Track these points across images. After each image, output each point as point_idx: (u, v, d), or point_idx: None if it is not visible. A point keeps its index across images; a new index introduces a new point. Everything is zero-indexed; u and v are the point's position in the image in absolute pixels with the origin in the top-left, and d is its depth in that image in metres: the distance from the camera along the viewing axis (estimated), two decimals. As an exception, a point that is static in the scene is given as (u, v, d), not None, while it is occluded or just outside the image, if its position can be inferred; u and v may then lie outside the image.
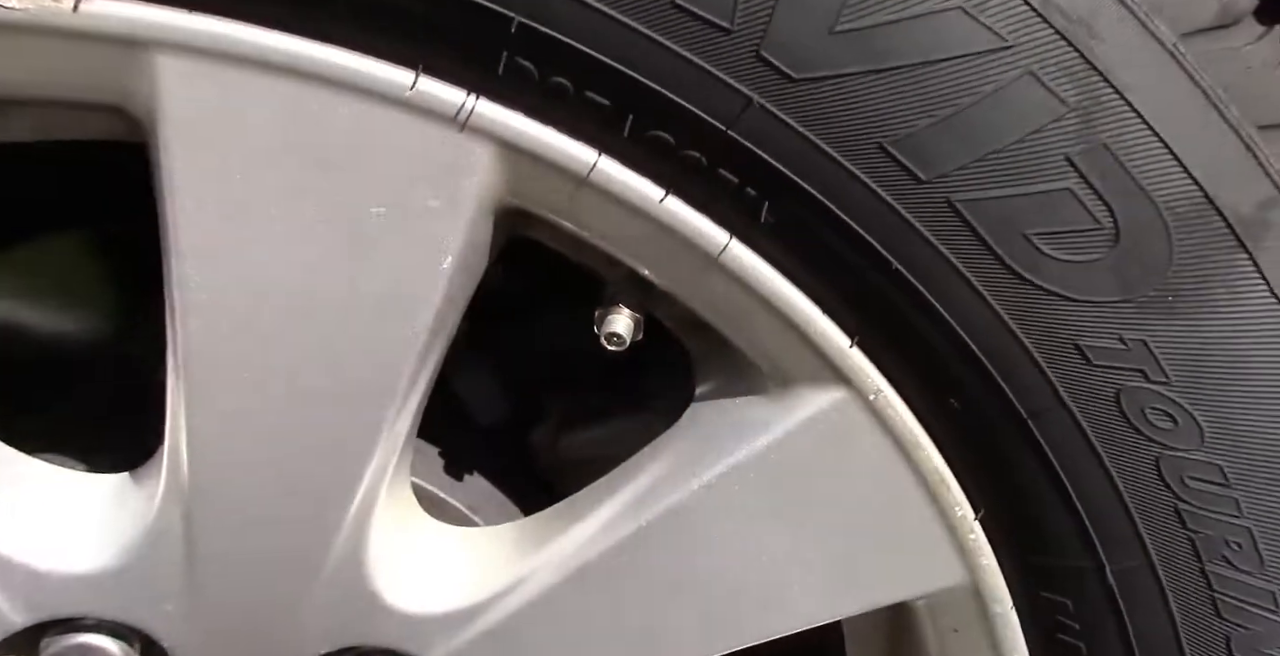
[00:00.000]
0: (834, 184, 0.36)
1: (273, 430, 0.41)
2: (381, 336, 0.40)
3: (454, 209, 0.38)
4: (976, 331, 0.38)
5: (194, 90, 0.34)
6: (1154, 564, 0.40)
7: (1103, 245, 0.34)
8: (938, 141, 0.33)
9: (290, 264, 0.38)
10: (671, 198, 0.38)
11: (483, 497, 0.60)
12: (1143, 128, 0.32)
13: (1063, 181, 0.33)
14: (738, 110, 0.34)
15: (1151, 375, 0.36)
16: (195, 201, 0.36)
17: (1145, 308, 0.35)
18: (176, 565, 0.43)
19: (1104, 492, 0.39)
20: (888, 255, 0.37)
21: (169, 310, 0.39)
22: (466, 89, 0.35)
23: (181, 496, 0.42)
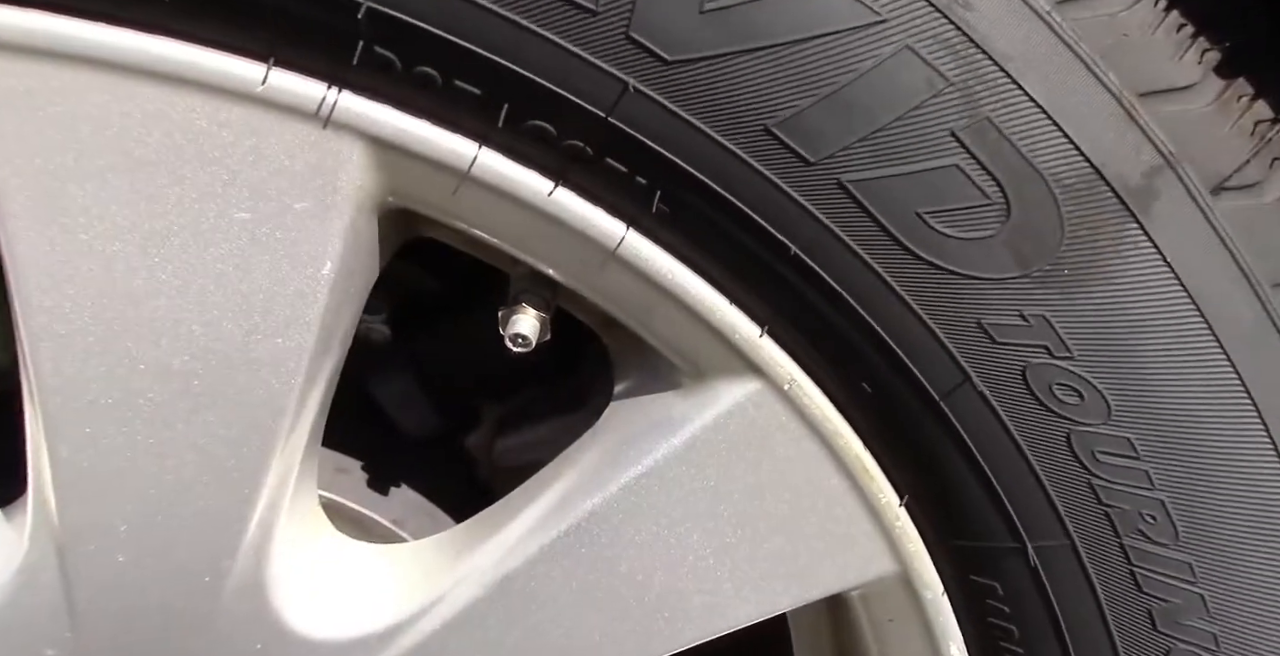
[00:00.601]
0: (723, 169, 0.34)
1: (147, 454, 0.38)
2: (263, 347, 0.38)
3: (326, 211, 0.36)
4: (880, 314, 0.37)
5: (22, 92, 0.31)
6: (1074, 541, 0.39)
7: (995, 221, 0.33)
8: (821, 121, 0.32)
9: (152, 276, 0.35)
10: (561, 190, 0.36)
11: (411, 511, 0.58)
12: (1024, 99, 0.31)
13: (950, 158, 0.32)
14: (615, 95, 0.33)
15: (1055, 350, 0.35)
16: (33, 215, 0.33)
17: (1042, 282, 0.34)
18: (54, 607, 0.40)
19: (1020, 471, 0.39)
20: (785, 240, 0.36)
21: (17, 332, 0.36)
22: (326, 82, 0.33)
23: (51, 533, 0.39)
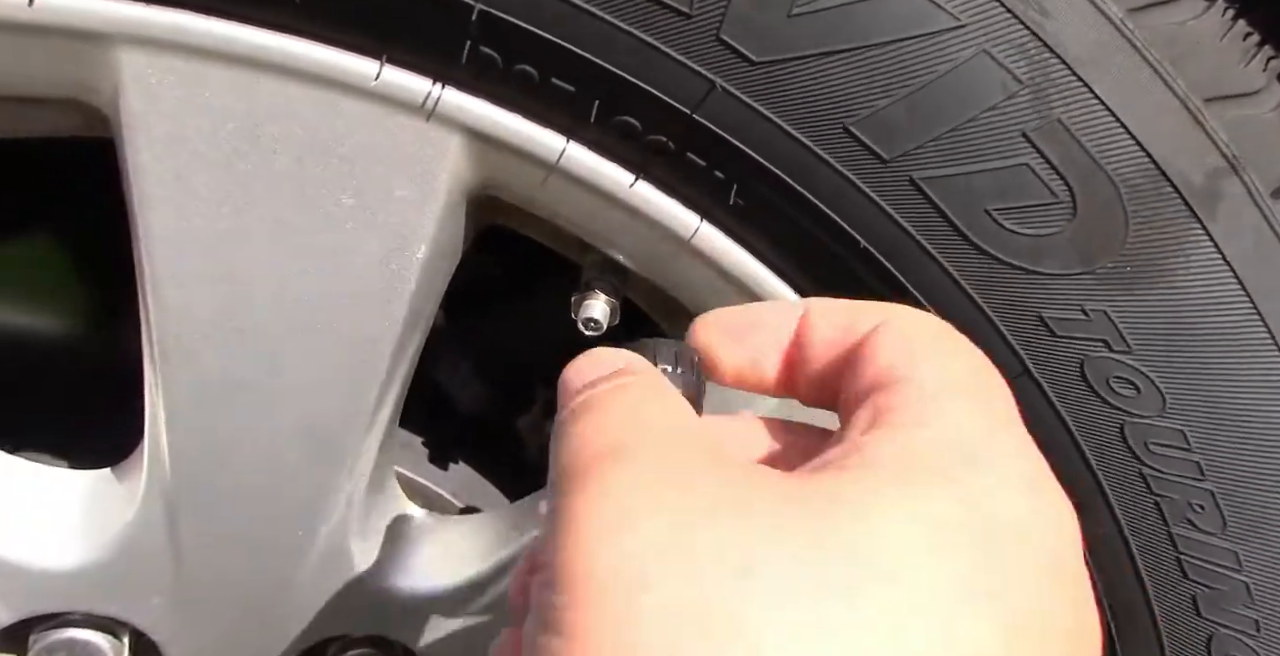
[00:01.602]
0: (800, 165, 0.36)
1: (252, 421, 0.41)
2: (358, 326, 0.40)
3: (425, 198, 0.38)
4: (944, 307, 0.38)
5: (157, 84, 0.34)
6: (1122, 529, 0.40)
7: (1061, 218, 0.34)
8: (897, 121, 0.34)
9: (264, 256, 0.38)
10: (641, 182, 0.38)
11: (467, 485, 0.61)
12: (1095, 102, 0.32)
13: (1020, 157, 0.33)
14: (701, 94, 0.35)
15: (1113, 344, 0.36)
16: (164, 196, 0.36)
17: (1105, 279, 0.35)
18: (162, 558, 0.43)
19: (1072, 461, 0.40)
20: (855, 235, 0.38)
21: (142, 305, 0.39)
22: (431, 78, 0.35)
23: (164, 489, 0.42)
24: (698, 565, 0.23)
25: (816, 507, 0.24)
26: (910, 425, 0.27)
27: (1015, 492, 0.25)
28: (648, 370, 0.30)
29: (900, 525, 0.24)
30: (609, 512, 0.24)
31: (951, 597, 0.23)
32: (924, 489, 0.25)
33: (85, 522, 0.44)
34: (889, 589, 0.23)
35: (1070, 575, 0.25)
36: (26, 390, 0.53)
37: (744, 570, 0.22)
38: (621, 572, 0.23)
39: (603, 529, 0.24)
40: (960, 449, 0.26)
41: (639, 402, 0.28)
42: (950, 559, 0.23)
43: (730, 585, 0.22)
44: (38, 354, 0.54)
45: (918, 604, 0.23)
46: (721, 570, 0.22)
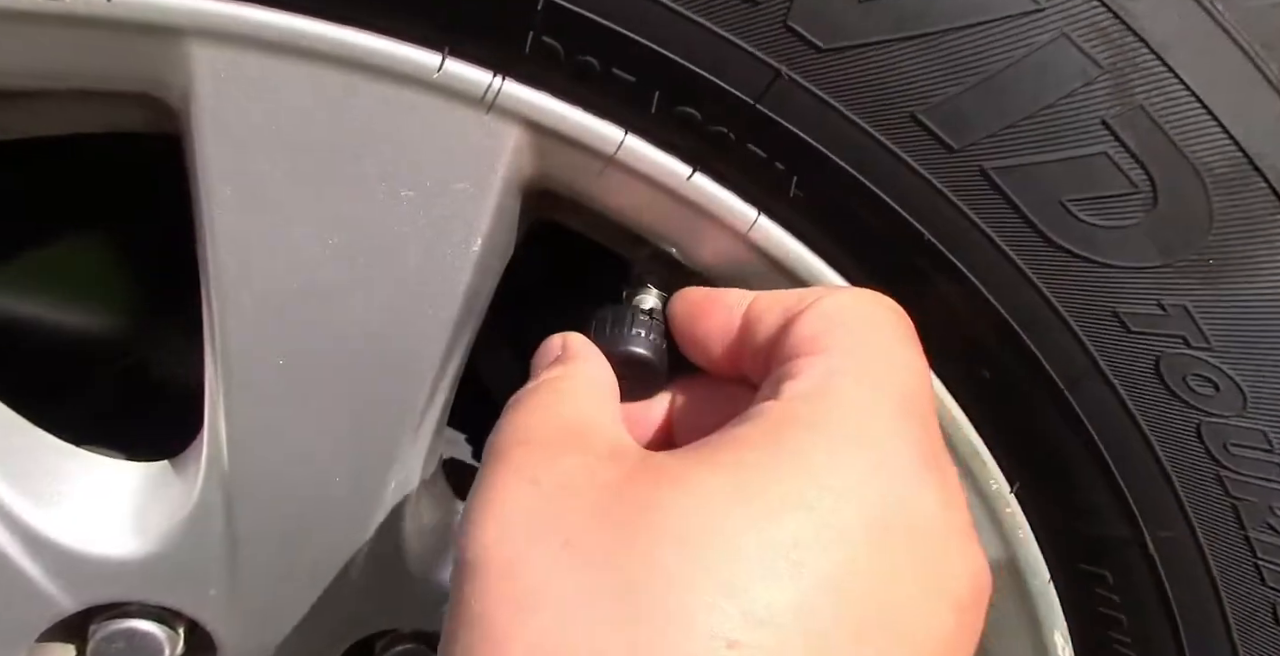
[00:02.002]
0: (864, 156, 0.35)
1: (309, 415, 0.41)
2: (413, 320, 0.40)
3: (482, 191, 0.38)
4: (1011, 301, 0.37)
5: (228, 78, 0.34)
6: (1195, 532, 0.39)
7: (1140, 209, 0.33)
8: (970, 108, 0.33)
9: (326, 250, 0.38)
10: (699, 174, 0.38)
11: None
12: (1180, 88, 0.31)
13: (1098, 145, 0.32)
14: (765, 83, 0.34)
15: (1192, 341, 0.35)
16: (230, 189, 0.36)
17: (1185, 272, 0.34)
18: (219, 549, 0.44)
19: (1143, 461, 0.39)
20: (920, 227, 0.37)
21: (205, 299, 0.39)
22: (493, 70, 0.35)
23: (222, 481, 0.42)
24: (532, 544, 0.26)
25: (634, 491, 0.27)
26: (796, 399, 0.29)
27: (860, 482, 0.27)
28: (578, 363, 0.35)
29: (694, 510, 0.26)
30: (488, 499, 0.28)
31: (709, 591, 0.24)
32: (748, 475, 0.27)
33: (145, 513, 0.45)
34: (661, 581, 0.25)
35: (917, 573, 0.26)
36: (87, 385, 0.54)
37: (565, 544, 0.26)
38: (488, 555, 0.27)
39: (479, 514, 0.28)
40: (826, 434, 0.28)
41: (555, 401, 0.32)
42: (723, 545, 0.25)
43: (552, 557, 0.26)
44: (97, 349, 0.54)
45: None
46: (548, 547, 0.26)
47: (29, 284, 0.53)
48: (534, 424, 0.31)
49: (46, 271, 0.53)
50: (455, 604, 0.28)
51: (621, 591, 0.25)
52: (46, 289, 0.53)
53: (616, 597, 0.25)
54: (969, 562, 0.28)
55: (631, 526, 0.26)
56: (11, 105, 0.39)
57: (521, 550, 0.27)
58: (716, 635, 0.24)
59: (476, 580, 0.27)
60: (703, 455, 0.28)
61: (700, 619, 0.24)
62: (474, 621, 0.26)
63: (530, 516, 0.27)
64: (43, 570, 0.45)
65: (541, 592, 0.25)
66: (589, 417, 0.32)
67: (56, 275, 0.53)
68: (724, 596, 0.24)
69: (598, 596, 0.25)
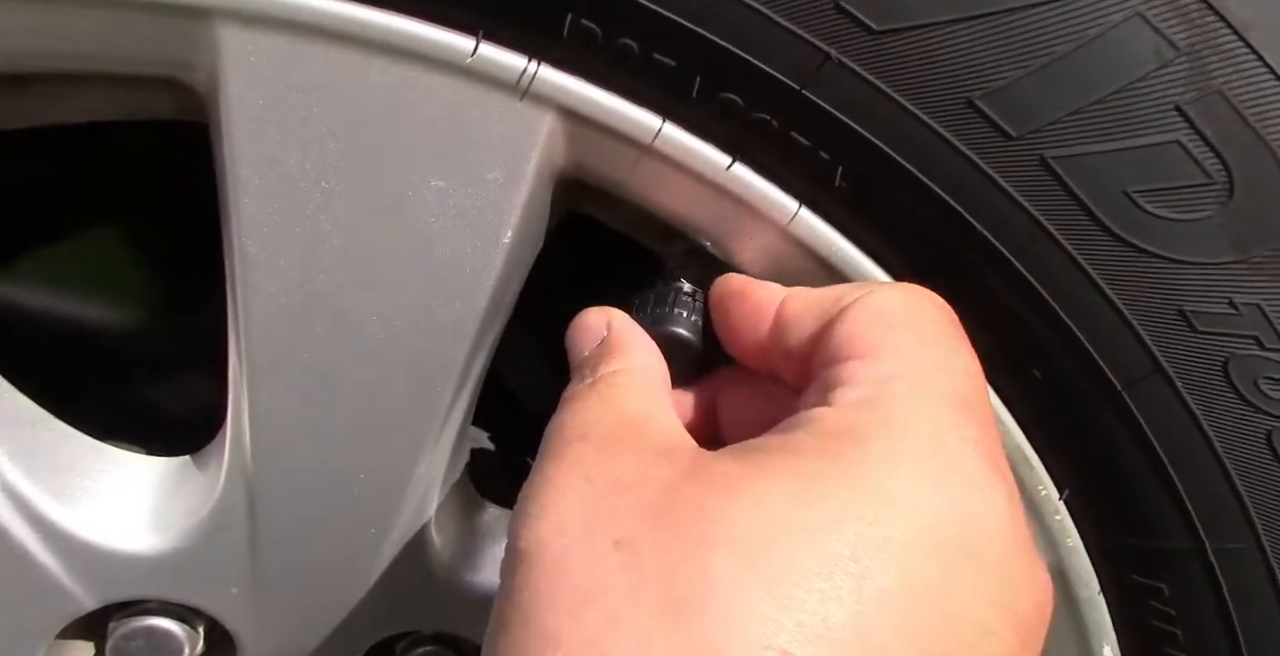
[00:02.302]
0: (915, 144, 0.34)
1: (334, 409, 0.40)
2: (442, 312, 0.39)
3: (514, 181, 0.37)
4: (1068, 298, 0.35)
5: (257, 61, 0.33)
6: (1262, 544, 0.37)
7: (1214, 201, 0.31)
8: (1032, 93, 0.31)
9: (353, 239, 0.37)
10: (739, 164, 0.36)
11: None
12: (1264, 71, 0.29)
13: (1171, 133, 0.30)
14: (814, 67, 0.33)
15: (1266, 341, 0.33)
16: (258, 177, 0.35)
17: (1261, 268, 0.32)
18: (240, 547, 0.43)
19: (1206, 469, 0.37)
20: (972, 219, 0.35)
21: (230, 289, 0.38)
22: (528, 54, 0.34)
23: (245, 477, 0.41)
24: (583, 541, 0.26)
25: (688, 493, 0.26)
26: (851, 407, 0.28)
27: (923, 493, 0.26)
28: (632, 353, 0.35)
29: (748, 516, 0.25)
30: (543, 493, 0.28)
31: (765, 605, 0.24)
32: (805, 484, 0.26)
33: (166, 509, 0.44)
34: (714, 588, 0.24)
35: (976, 574, 0.25)
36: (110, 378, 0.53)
37: (616, 544, 0.26)
38: (540, 548, 0.27)
39: (533, 506, 0.28)
40: (885, 444, 0.27)
41: (612, 397, 0.32)
42: (785, 552, 0.24)
43: (604, 555, 0.25)
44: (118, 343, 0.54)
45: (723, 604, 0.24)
46: (600, 544, 0.26)
47: (50, 276, 0.52)
48: (590, 420, 0.31)
49: (68, 263, 0.53)
50: (504, 594, 0.27)
51: (672, 595, 0.24)
52: (68, 281, 0.53)
53: (667, 601, 0.24)
54: (1032, 578, 0.27)
55: (684, 530, 0.25)
56: (24, 90, 0.38)
57: (572, 546, 0.26)
58: (770, 646, 0.23)
59: (527, 572, 0.27)
60: (758, 461, 0.27)
61: (753, 628, 0.23)
62: (522, 614, 0.26)
63: (583, 513, 0.27)
64: (63, 566, 0.44)
65: (591, 590, 0.25)
66: (644, 412, 0.32)
67: (78, 267, 0.53)
68: (779, 608, 0.23)
69: (648, 598, 0.24)
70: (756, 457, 0.27)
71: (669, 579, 0.24)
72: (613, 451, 0.29)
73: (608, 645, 0.24)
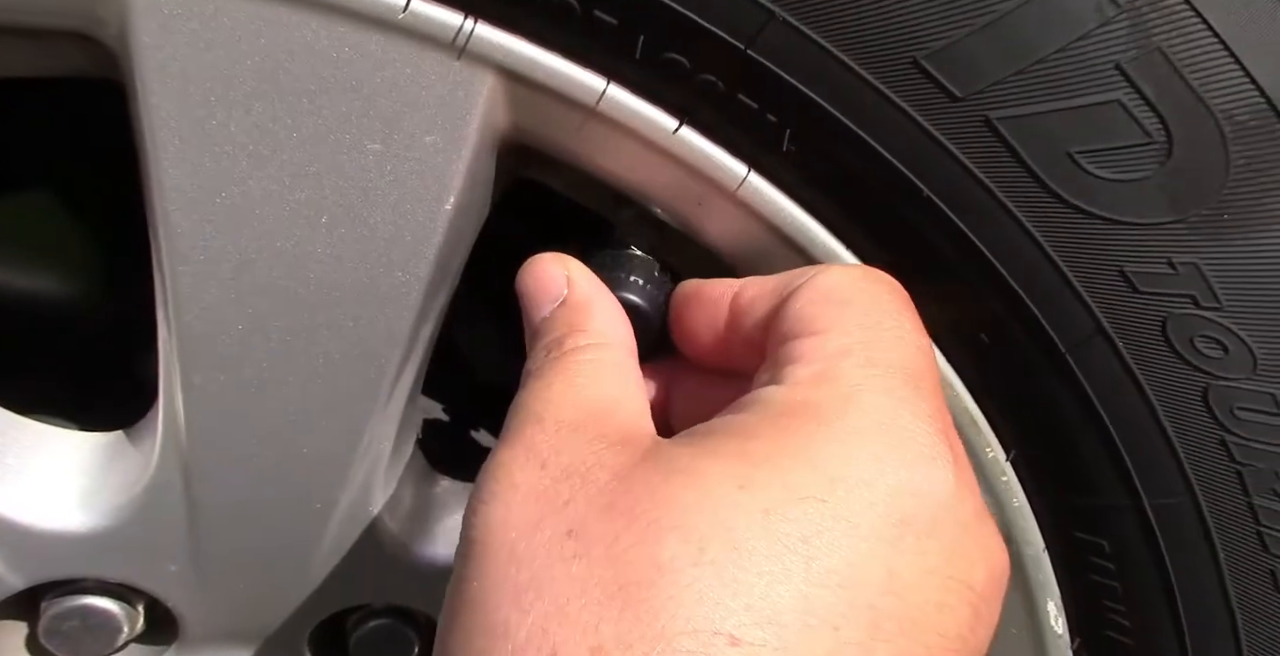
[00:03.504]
0: (862, 105, 0.33)
1: (271, 384, 0.39)
2: (382, 282, 0.38)
3: (454, 145, 0.35)
4: (1012, 261, 0.36)
5: (170, 16, 0.31)
6: (1197, 499, 0.38)
7: (1153, 161, 0.31)
8: (976, 53, 0.31)
9: (284, 205, 0.35)
10: (686, 128, 0.36)
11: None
12: (1202, 29, 0.29)
13: (1112, 92, 0.30)
14: (758, 26, 0.32)
15: (1202, 300, 0.34)
16: (179, 141, 0.33)
17: (1197, 228, 0.32)
18: (177, 524, 0.41)
19: (1145, 427, 0.38)
20: (918, 182, 0.35)
21: (155, 258, 0.37)
22: (463, 11, 0.33)
23: (180, 453, 0.40)
24: (534, 530, 0.26)
25: (640, 481, 0.26)
26: (802, 384, 0.28)
27: (874, 471, 0.26)
28: (597, 328, 0.33)
29: (700, 503, 0.25)
30: (497, 478, 0.28)
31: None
32: (755, 466, 0.26)
33: (98, 486, 0.43)
34: (662, 575, 0.24)
35: (917, 547, 0.25)
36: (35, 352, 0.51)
37: (569, 533, 0.26)
38: (491, 536, 0.26)
39: (487, 492, 0.28)
40: (834, 422, 0.27)
41: (581, 381, 0.31)
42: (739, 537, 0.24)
43: (556, 545, 0.25)
44: (46, 314, 0.52)
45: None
46: (550, 534, 0.26)
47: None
48: (553, 402, 0.30)
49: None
50: (457, 580, 0.27)
51: (621, 583, 0.24)
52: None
53: (615, 589, 0.24)
54: (987, 551, 0.27)
55: (634, 518, 0.25)
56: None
57: (521, 536, 0.26)
58: (719, 632, 0.23)
59: (479, 560, 0.26)
60: (709, 445, 0.27)
61: (700, 614, 0.23)
62: (473, 603, 0.26)
63: (536, 501, 0.27)
64: (-11, 546, 0.42)
65: (542, 582, 0.25)
66: (611, 399, 0.31)
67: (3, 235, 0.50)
68: (727, 593, 0.23)
69: (596, 588, 0.24)
70: (707, 442, 0.27)
71: (618, 567, 0.24)
72: (570, 438, 0.28)
73: (557, 637, 0.24)
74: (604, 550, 0.25)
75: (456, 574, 0.27)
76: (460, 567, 0.27)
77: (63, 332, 0.52)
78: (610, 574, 0.24)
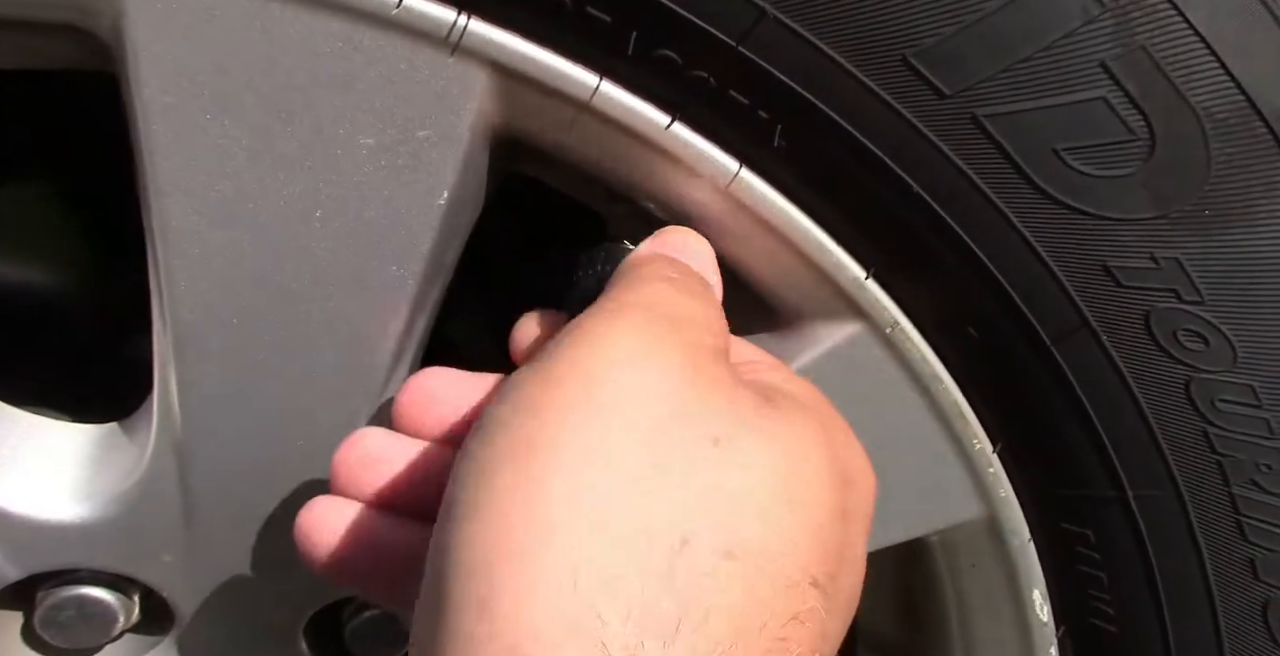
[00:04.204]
0: (852, 102, 0.34)
1: (265, 377, 0.39)
2: (376, 275, 0.38)
3: (447, 140, 0.36)
4: (1000, 256, 0.36)
5: (164, 10, 0.31)
6: (1179, 490, 0.39)
7: (1137, 158, 0.32)
8: (964, 51, 0.31)
9: (278, 199, 0.36)
10: (678, 124, 0.36)
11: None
12: (1184, 28, 0.30)
13: (1097, 90, 0.31)
14: (749, 23, 0.32)
15: (1184, 295, 0.34)
16: (173, 134, 0.34)
17: (1180, 223, 0.33)
18: (172, 514, 0.42)
19: (1129, 419, 0.38)
20: (908, 178, 0.35)
21: (150, 251, 0.37)
22: (457, 6, 0.33)
23: (174, 444, 0.40)
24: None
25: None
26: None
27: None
28: None
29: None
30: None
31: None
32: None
33: (93, 477, 0.43)
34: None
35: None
36: (30, 344, 0.51)
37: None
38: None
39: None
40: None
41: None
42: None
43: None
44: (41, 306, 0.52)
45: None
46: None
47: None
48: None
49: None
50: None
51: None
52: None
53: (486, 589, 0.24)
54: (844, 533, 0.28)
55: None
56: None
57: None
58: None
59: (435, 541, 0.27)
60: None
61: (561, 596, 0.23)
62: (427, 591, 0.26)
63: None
64: (-17, 536, 0.43)
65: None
66: None
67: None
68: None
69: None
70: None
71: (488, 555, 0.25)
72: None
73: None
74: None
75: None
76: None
77: (58, 325, 0.52)
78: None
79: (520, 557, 0.23)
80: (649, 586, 0.23)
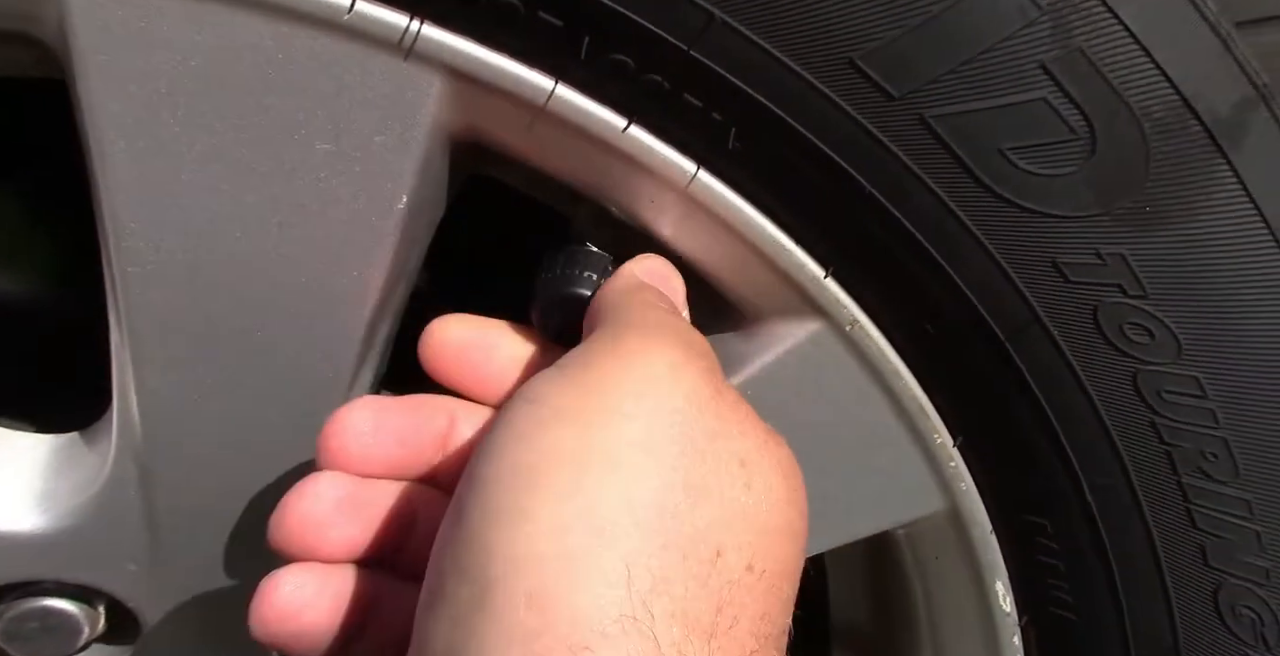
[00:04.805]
0: (803, 105, 0.34)
1: (225, 385, 0.39)
2: (336, 281, 0.38)
3: (405, 144, 0.36)
4: (953, 254, 0.37)
5: (108, 15, 0.31)
6: (1130, 480, 0.40)
7: (1078, 157, 0.33)
8: (909, 53, 0.32)
9: (234, 206, 0.35)
10: (635, 126, 0.36)
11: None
12: (1119, 28, 0.30)
13: (1037, 91, 0.32)
14: (699, 28, 0.33)
15: (1129, 289, 0.35)
16: (124, 141, 0.33)
17: (1122, 220, 0.34)
18: (135, 524, 0.42)
19: (1081, 411, 0.39)
20: (860, 179, 0.36)
21: (105, 259, 0.37)
22: (409, 13, 0.33)
23: (135, 454, 0.40)
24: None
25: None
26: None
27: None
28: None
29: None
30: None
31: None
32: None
33: (54, 488, 0.42)
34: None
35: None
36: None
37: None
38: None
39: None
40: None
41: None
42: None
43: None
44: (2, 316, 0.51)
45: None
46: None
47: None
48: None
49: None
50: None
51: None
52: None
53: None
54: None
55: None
56: None
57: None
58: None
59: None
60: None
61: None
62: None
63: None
64: (-58, 549, 0.42)
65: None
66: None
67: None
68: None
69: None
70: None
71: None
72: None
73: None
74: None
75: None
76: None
77: (16, 334, 0.52)
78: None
79: (576, 557, 0.25)
80: (691, 589, 0.25)
